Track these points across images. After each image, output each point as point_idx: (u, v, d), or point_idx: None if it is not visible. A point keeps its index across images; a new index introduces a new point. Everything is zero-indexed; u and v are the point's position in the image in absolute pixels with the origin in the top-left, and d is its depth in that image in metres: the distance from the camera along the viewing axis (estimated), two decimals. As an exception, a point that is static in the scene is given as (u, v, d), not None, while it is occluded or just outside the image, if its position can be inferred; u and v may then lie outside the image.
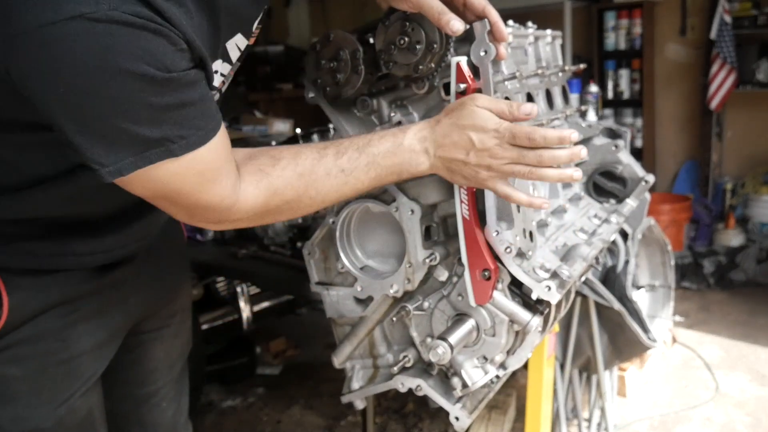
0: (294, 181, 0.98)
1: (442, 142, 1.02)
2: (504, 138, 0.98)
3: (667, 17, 4.65)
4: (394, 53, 1.13)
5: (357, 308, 1.34)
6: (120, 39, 0.73)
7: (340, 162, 1.00)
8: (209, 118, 0.86)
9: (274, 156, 0.98)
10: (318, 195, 1.01)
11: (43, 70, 0.74)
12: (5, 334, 0.99)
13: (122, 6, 0.72)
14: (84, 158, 0.81)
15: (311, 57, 1.21)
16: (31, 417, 1.03)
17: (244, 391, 2.95)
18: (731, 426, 2.53)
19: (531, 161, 0.98)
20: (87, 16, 0.71)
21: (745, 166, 4.57)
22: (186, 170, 0.85)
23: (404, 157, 1.03)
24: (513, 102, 1.00)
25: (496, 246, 1.11)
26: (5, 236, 0.98)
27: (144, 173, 0.82)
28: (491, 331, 1.19)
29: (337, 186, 1.01)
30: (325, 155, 1.00)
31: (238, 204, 0.94)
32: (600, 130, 1.82)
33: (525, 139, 0.97)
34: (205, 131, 0.85)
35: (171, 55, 0.77)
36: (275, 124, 4.22)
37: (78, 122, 0.78)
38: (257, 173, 0.96)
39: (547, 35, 1.61)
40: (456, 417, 1.25)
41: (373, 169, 1.02)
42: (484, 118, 0.99)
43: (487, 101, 1.01)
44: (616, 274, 1.96)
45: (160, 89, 0.77)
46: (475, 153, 1.00)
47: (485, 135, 0.99)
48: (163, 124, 0.80)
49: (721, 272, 4.09)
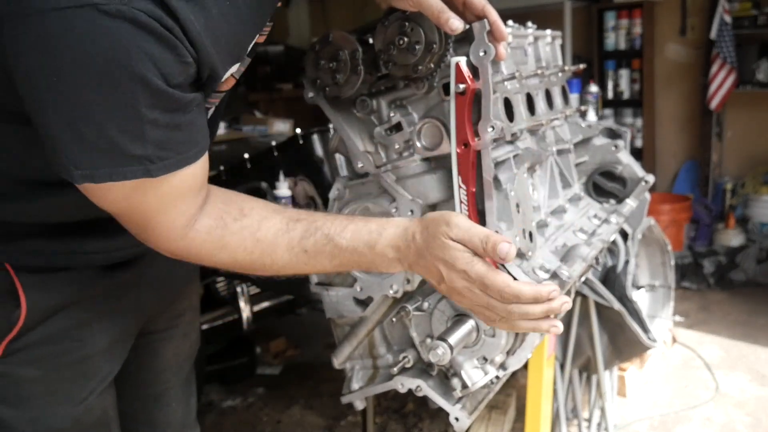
0: (249, 245, 0.94)
1: (416, 261, 0.95)
2: (474, 284, 0.90)
3: (667, 17, 4.65)
4: (394, 53, 1.13)
5: (357, 309, 1.34)
6: (126, 37, 0.71)
7: (304, 243, 0.95)
8: (193, 144, 0.84)
9: (242, 210, 0.94)
10: (274, 264, 0.96)
11: (42, 54, 0.72)
12: (22, 335, 0.99)
13: (134, 2, 0.71)
14: (55, 155, 0.79)
15: (311, 57, 1.21)
16: (48, 417, 1.03)
17: (244, 391, 2.95)
18: (731, 426, 2.53)
19: (500, 313, 0.91)
20: (98, 7, 0.70)
21: (745, 166, 4.57)
22: (153, 190, 0.83)
23: (374, 260, 0.97)
24: (491, 236, 0.89)
25: (495, 246, 1.11)
26: (17, 235, 0.97)
27: (112, 185, 0.80)
28: (491, 331, 1.19)
29: (297, 263, 0.97)
30: (292, 229, 0.95)
31: (185, 241, 0.91)
32: (600, 130, 1.82)
33: (496, 293, 0.89)
34: (185, 156, 0.83)
35: (173, 66, 0.76)
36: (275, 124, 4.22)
37: (63, 115, 0.76)
38: (217, 220, 0.92)
39: (546, 35, 1.61)
40: (456, 418, 1.25)
41: (337, 259, 0.97)
42: (454, 256, 0.90)
43: (461, 232, 0.90)
44: (616, 274, 1.96)
45: (154, 101, 0.76)
46: (445, 286, 0.94)
47: (455, 274, 0.91)
48: (147, 142, 0.78)
49: (721, 272, 4.09)
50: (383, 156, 1.27)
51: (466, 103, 1.05)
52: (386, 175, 1.25)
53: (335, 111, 1.26)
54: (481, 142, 1.06)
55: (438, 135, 1.20)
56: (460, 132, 1.07)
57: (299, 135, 2.27)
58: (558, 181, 1.53)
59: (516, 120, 1.31)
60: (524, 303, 0.89)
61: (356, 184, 1.31)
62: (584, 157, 1.75)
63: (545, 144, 1.48)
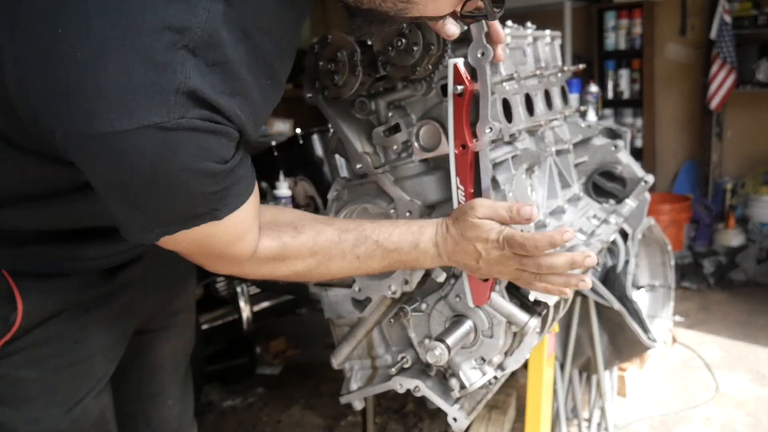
0: (307, 258, 1.03)
1: (454, 249, 1.05)
2: (506, 248, 1.01)
3: (667, 17, 4.65)
4: (392, 55, 1.13)
5: (355, 309, 1.34)
6: (186, 142, 0.76)
7: (357, 250, 1.05)
8: (250, 184, 0.91)
9: (296, 228, 1.03)
10: (329, 272, 1.06)
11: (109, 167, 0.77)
12: (19, 337, 1.00)
13: (189, 112, 0.75)
14: (125, 226, 0.87)
15: (310, 58, 1.22)
16: (46, 419, 1.04)
17: (244, 391, 2.95)
18: (731, 426, 2.53)
19: (531, 269, 1.01)
20: (160, 125, 0.73)
21: (745, 166, 4.57)
22: (223, 229, 0.89)
23: (418, 257, 1.07)
24: (513, 205, 1.01)
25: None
26: (16, 240, 0.98)
27: (185, 233, 0.87)
28: (489, 332, 1.19)
29: (350, 268, 1.07)
30: (345, 240, 1.04)
31: (251, 263, 0.99)
32: (600, 130, 1.82)
33: (519, 248, 0.99)
34: (244, 195, 0.89)
35: (227, 148, 0.81)
36: (275, 124, 4.22)
37: (131, 206, 0.83)
38: (276, 240, 1.00)
39: (545, 36, 1.61)
40: (454, 418, 1.25)
41: (386, 260, 1.07)
42: (486, 229, 1.01)
43: (486, 209, 1.02)
44: (616, 274, 1.96)
45: (216, 179, 0.82)
46: (483, 262, 1.04)
47: (489, 246, 1.02)
48: (214, 201, 0.85)
49: (721, 272, 4.09)
50: (382, 157, 1.27)
51: (464, 104, 1.06)
52: (385, 176, 1.25)
53: (334, 112, 1.27)
54: (479, 143, 1.06)
55: (436, 136, 1.20)
56: (458, 133, 1.07)
57: (299, 135, 2.27)
58: (557, 182, 1.53)
59: (514, 121, 1.32)
60: (543, 251, 0.98)
61: (355, 184, 1.31)
62: (584, 157, 1.75)
63: (544, 144, 1.48)
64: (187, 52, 0.74)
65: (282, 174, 2.22)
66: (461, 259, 1.06)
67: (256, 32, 0.82)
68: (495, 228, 1.01)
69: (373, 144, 1.27)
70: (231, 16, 0.78)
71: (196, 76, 0.74)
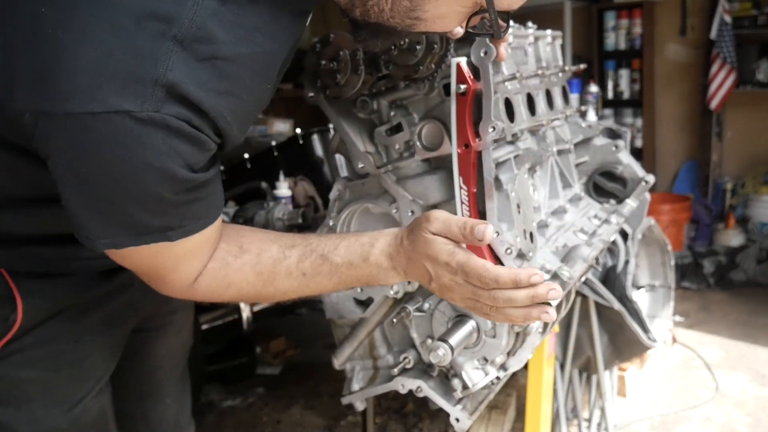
0: (252, 278, 0.97)
1: (407, 265, 0.96)
2: (457, 274, 0.90)
3: (667, 17, 4.65)
4: (394, 54, 1.13)
5: (357, 309, 1.34)
6: (154, 137, 0.74)
7: (302, 266, 0.97)
8: (213, 209, 0.88)
9: (242, 246, 0.97)
10: (277, 292, 0.99)
11: (72, 151, 0.75)
12: (19, 338, 1.00)
13: (165, 107, 0.73)
14: (79, 227, 0.83)
15: (311, 57, 1.21)
16: (46, 418, 1.04)
17: (244, 391, 2.95)
18: (731, 426, 2.53)
19: (486, 301, 0.90)
20: (131, 114, 0.71)
21: (745, 166, 4.57)
22: (171, 251, 0.87)
23: (371, 272, 0.98)
24: (467, 221, 0.89)
25: (496, 247, 1.11)
26: (15, 241, 0.98)
27: (135, 250, 0.84)
28: (491, 332, 1.19)
29: (297, 287, 0.99)
30: (288, 256, 0.97)
31: (194, 287, 0.95)
32: (600, 130, 1.82)
33: (476, 279, 0.89)
34: (204, 221, 0.86)
35: (198, 157, 0.79)
36: (275, 124, 4.21)
37: (86, 199, 0.80)
38: (220, 261, 0.95)
39: (547, 35, 1.61)
40: (456, 418, 1.25)
41: (336, 276, 0.98)
42: (436, 249, 0.91)
43: (440, 224, 0.91)
44: (616, 274, 1.96)
45: (177, 188, 0.79)
46: (435, 285, 0.95)
47: (439, 268, 0.91)
48: (169, 216, 0.82)
49: (721, 272, 4.09)
50: (384, 156, 1.26)
51: (466, 103, 1.05)
52: (387, 176, 1.25)
53: (335, 111, 1.26)
54: (481, 142, 1.06)
55: (439, 135, 1.20)
56: (460, 132, 1.07)
57: (299, 135, 2.27)
58: (558, 182, 1.53)
59: (517, 120, 1.31)
60: (504, 288, 0.88)
61: (356, 184, 1.31)
62: (584, 157, 1.75)
63: (546, 144, 1.48)
64: (175, 44, 0.72)
65: (282, 174, 2.21)
66: (416, 277, 0.97)
67: (259, 35, 0.80)
68: (446, 248, 0.90)
69: (375, 143, 1.26)
70: (226, 15, 0.76)
71: (180, 69, 0.73)
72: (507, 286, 0.87)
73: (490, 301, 0.90)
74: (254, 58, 0.80)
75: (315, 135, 2.31)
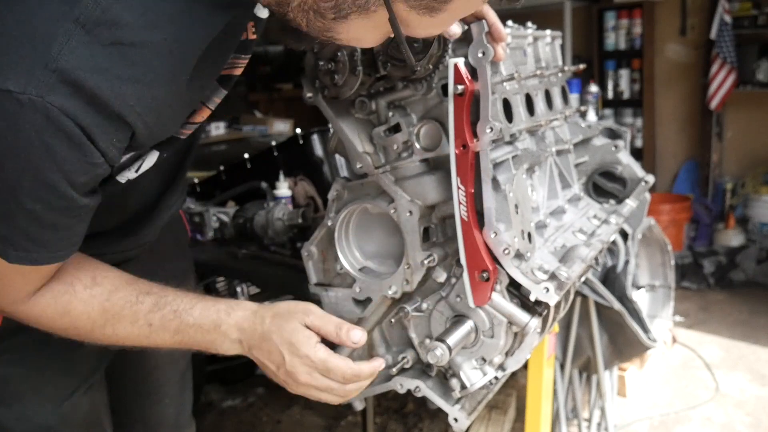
0: (95, 314, 0.92)
1: (260, 345, 0.98)
2: (316, 368, 0.97)
3: (667, 17, 4.65)
4: (392, 54, 1.13)
5: (356, 309, 1.34)
6: (30, 128, 0.69)
7: (151, 316, 0.94)
8: (63, 247, 0.82)
9: (95, 279, 0.92)
10: (114, 335, 0.95)
11: None
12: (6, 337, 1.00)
13: (51, 95, 0.68)
14: None
15: (310, 58, 1.21)
16: (35, 415, 1.04)
17: (244, 391, 2.95)
18: (731, 426, 2.53)
19: (339, 394, 1.01)
20: (12, 93, 0.68)
21: (745, 166, 4.57)
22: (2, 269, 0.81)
23: (215, 338, 0.98)
24: (344, 324, 1.00)
25: (494, 247, 1.11)
26: None
27: None
28: (490, 332, 1.19)
29: (137, 336, 0.95)
30: (141, 302, 0.94)
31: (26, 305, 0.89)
32: (600, 130, 1.81)
33: (339, 375, 0.98)
34: (47, 257, 0.81)
35: (75, 165, 0.73)
36: (275, 124, 4.22)
37: None
38: (67, 285, 0.90)
39: (546, 35, 1.61)
40: (455, 418, 1.24)
41: (180, 335, 0.96)
42: (300, 340, 0.96)
43: (318, 319, 0.99)
44: (616, 274, 1.96)
45: (40, 194, 0.74)
46: (283, 371, 0.99)
47: (297, 358, 0.96)
48: (15, 228, 0.76)
49: (721, 272, 4.08)
50: (382, 157, 1.26)
51: (464, 104, 1.05)
52: (385, 176, 1.25)
53: (334, 112, 1.26)
54: (479, 143, 1.06)
55: (437, 136, 1.20)
56: (458, 133, 1.07)
57: (299, 135, 2.27)
58: (557, 182, 1.53)
59: (515, 121, 1.31)
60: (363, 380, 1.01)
61: (355, 184, 1.31)
62: (584, 157, 1.75)
63: (544, 144, 1.47)
64: (76, 27, 0.68)
65: (282, 174, 2.21)
66: (260, 358, 0.99)
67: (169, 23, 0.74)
68: (310, 342, 0.96)
69: (374, 144, 1.26)
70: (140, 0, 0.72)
71: (80, 54, 0.68)
72: (366, 378, 1.01)
73: (343, 393, 1.01)
74: (164, 45, 0.74)
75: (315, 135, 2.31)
